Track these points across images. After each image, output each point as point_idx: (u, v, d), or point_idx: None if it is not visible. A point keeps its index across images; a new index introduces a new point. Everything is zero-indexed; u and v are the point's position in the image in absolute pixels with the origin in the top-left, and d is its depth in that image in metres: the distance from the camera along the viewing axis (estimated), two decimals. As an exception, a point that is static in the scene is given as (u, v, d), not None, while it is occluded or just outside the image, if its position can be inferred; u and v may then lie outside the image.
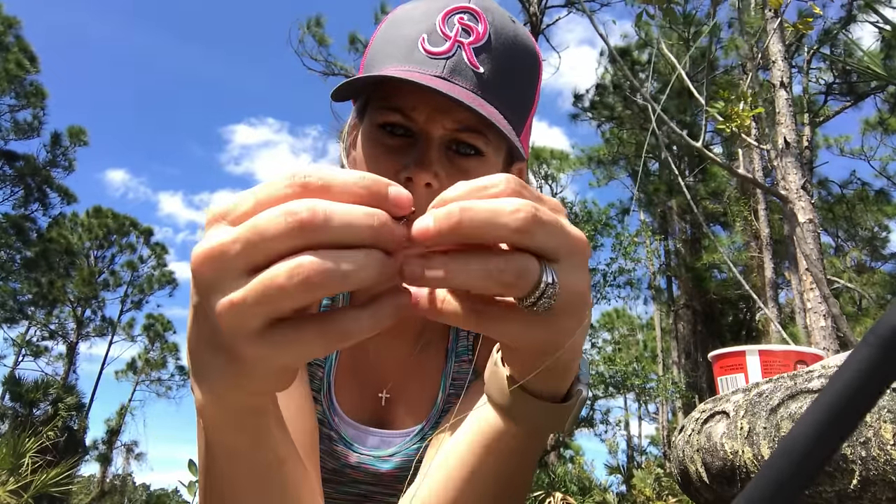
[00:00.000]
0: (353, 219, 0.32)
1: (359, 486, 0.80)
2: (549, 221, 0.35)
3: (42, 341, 23.01)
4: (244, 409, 0.41)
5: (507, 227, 0.33)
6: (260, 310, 0.32)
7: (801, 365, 0.86)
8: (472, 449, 0.54)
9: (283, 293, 0.31)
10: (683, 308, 16.86)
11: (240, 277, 0.32)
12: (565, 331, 0.38)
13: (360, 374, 0.81)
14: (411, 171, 0.65)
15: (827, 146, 15.73)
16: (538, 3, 13.08)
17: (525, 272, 0.34)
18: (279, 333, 0.33)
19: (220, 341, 0.35)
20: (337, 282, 0.31)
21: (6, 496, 7.64)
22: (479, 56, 0.66)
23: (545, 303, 0.35)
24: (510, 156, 0.75)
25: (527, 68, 0.71)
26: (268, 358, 0.34)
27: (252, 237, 0.31)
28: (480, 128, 0.67)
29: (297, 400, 0.71)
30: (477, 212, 0.33)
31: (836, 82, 13.18)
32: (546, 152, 18.88)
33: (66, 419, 15.78)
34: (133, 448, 25.65)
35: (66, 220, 22.86)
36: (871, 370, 0.20)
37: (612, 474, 12.36)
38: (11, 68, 18.82)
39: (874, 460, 0.44)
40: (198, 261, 0.33)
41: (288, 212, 0.31)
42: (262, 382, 0.37)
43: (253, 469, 0.46)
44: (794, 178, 3.64)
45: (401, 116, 0.68)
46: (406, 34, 0.68)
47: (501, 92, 0.67)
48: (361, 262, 0.32)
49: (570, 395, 0.50)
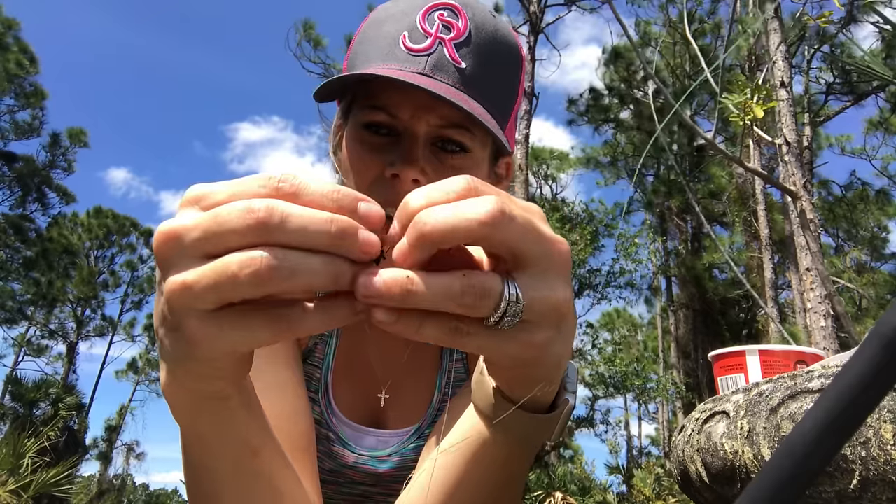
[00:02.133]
0: (309, 223, 0.33)
1: (357, 486, 0.80)
2: (518, 216, 0.34)
3: (42, 341, 23.05)
4: (203, 393, 0.41)
5: (474, 220, 0.33)
6: (210, 295, 0.33)
7: (801, 365, 0.86)
8: (459, 456, 0.54)
9: (233, 283, 0.32)
10: (683, 308, 16.86)
11: (196, 260, 0.33)
12: (540, 344, 0.37)
13: (357, 374, 0.81)
14: (398, 168, 0.65)
15: (829, 145, 15.72)
16: (538, 1, 13.07)
17: (486, 292, 0.34)
18: (226, 317, 0.34)
19: (172, 321, 0.36)
20: (284, 280, 0.32)
21: (6, 496, 7.65)
22: (460, 51, 0.66)
23: (509, 321, 0.35)
24: (496, 151, 0.76)
25: (509, 62, 0.71)
26: (214, 339, 0.34)
27: (211, 226, 0.33)
28: (465, 123, 0.68)
29: (292, 400, 0.70)
30: (440, 215, 0.33)
31: (837, 82, 13.18)
32: (546, 152, 18.88)
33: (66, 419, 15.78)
34: (133, 448, 25.67)
35: (65, 220, 22.87)
36: (873, 370, 0.20)
37: (613, 474, 12.36)
38: (11, 68, 18.83)
39: (874, 460, 0.44)
40: (159, 239, 0.34)
41: (248, 208, 0.32)
42: (211, 365, 0.37)
43: (224, 457, 0.46)
44: (795, 177, 3.64)
45: (385, 115, 0.68)
46: (387, 32, 0.68)
47: (484, 86, 0.67)
48: (314, 267, 0.33)
49: (556, 405, 0.49)
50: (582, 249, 12.38)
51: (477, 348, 0.37)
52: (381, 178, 0.68)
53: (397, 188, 0.66)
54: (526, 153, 12.25)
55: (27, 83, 19.89)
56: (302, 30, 14.61)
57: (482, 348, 0.37)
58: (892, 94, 13.31)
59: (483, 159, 0.72)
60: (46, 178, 21.35)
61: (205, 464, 0.47)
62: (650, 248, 16.18)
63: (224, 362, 0.38)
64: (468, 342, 0.36)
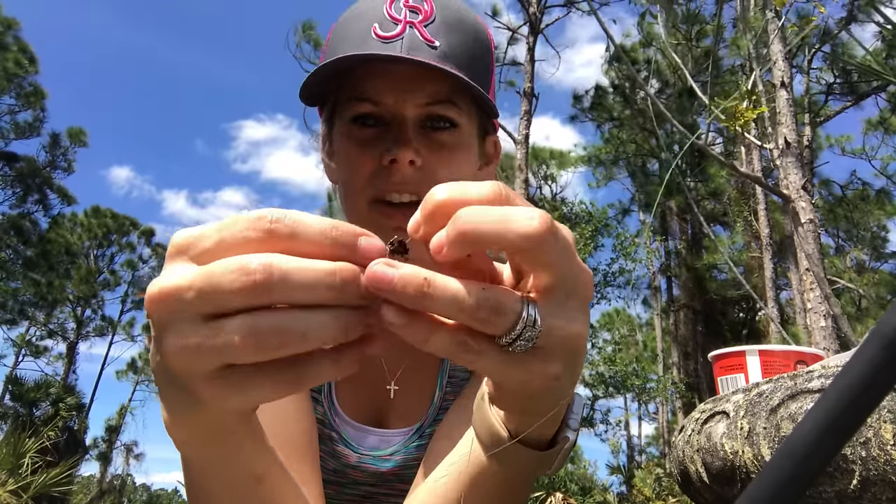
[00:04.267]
0: (311, 279, 0.31)
1: (360, 486, 0.80)
2: (562, 238, 0.33)
3: (42, 341, 23.06)
4: (208, 430, 0.40)
5: (522, 231, 0.31)
6: (213, 360, 0.31)
7: (801, 365, 0.86)
8: (458, 479, 0.54)
9: (237, 351, 0.30)
10: (684, 308, 16.86)
11: (194, 321, 0.31)
12: (549, 375, 0.35)
13: (360, 374, 0.81)
14: (393, 153, 0.66)
15: (829, 146, 15.72)
16: (537, 2, 13.07)
17: (502, 309, 0.32)
18: (233, 377, 0.32)
19: (173, 376, 0.35)
20: (294, 343, 0.31)
21: (6, 496, 7.65)
22: (431, 31, 0.67)
23: (522, 345, 0.33)
24: (484, 129, 0.77)
25: (478, 37, 0.73)
26: (220, 399, 0.33)
27: (206, 287, 0.31)
28: (450, 97, 0.69)
29: (294, 401, 0.71)
30: (488, 217, 0.31)
31: (837, 82, 13.18)
32: (545, 152, 18.88)
33: (66, 419, 15.79)
34: (133, 448, 25.67)
35: (65, 220, 22.87)
36: (874, 370, 0.20)
37: (613, 474, 12.37)
38: (11, 68, 18.84)
39: (874, 460, 0.44)
40: (152, 300, 0.32)
41: (243, 269, 0.30)
42: (217, 418, 0.37)
43: (228, 484, 0.46)
44: (795, 178, 3.64)
45: (370, 105, 0.69)
46: (357, 28, 0.69)
47: (460, 60, 0.68)
48: (321, 324, 0.31)
49: (556, 441, 0.47)
50: (581, 249, 12.39)
51: (482, 368, 0.34)
52: (377, 169, 0.68)
53: (395, 174, 0.67)
54: (526, 153, 12.25)
55: (27, 83, 19.90)
56: (301, 31, 14.60)
57: (488, 370, 0.35)
58: (892, 94, 13.30)
59: (472, 135, 0.73)
60: (47, 178, 21.35)
61: (209, 488, 0.47)
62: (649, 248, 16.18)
63: (230, 413, 0.37)
64: (476, 360, 0.34)
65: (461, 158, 0.72)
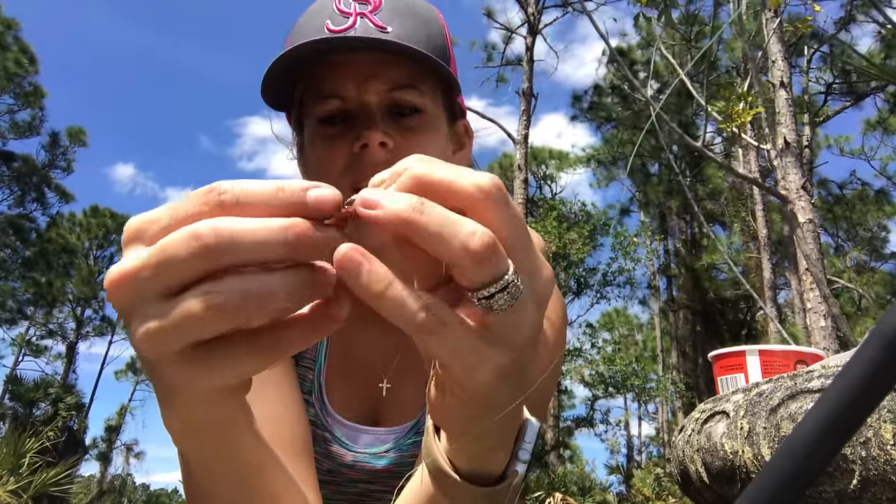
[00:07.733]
0: (262, 237, 0.30)
1: (356, 485, 0.80)
2: (514, 206, 0.32)
3: (41, 341, 23.05)
4: (204, 422, 0.39)
5: (472, 183, 0.31)
6: (177, 339, 0.30)
7: (801, 365, 0.86)
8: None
9: (199, 322, 0.30)
10: (683, 308, 16.87)
11: (155, 302, 0.30)
12: (497, 363, 0.33)
13: (350, 372, 0.81)
14: (363, 138, 0.66)
15: (827, 146, 15.74)
16: (535, 3, 13.08)
17: (496, 247, 0.30)
18: (200, 356, 0.32)
19: (150, 365, 0.34)
20: (255, 304, 0.30)
21: (6, 496, 7.64)
22: (382, 19, 0.68)
23: (505, 300, 0.31)
24: (452, 113, 0.77)
25: (430, 19, 0.73)
26: (192, 381, 0.32)
27: (160, 261, 0.30)
28: (411, 82, 0.69)
29: (286, 403, 0.71)
30: (440, 169, 0.32)
31: (836, 82, 13.19)
32: (545, 152, 18.88)
33: (66, 419, 15.78)
34: (133, 448, 25.67)
35: (63, 220, 22.86)
36: (874, 370, 0.20)
37: (612, 474, 12.37)
38: (11, 68, 18.83)
39: (874, 460, 0.44)
40: (110, 287, 0.31)
41: (193, 235, 0.29)
42: (191, 404, 0.35)
43: (225, 478, 0.46)
44: (794, 178, 3.64)
45: (335, 101, 0.69)
46: (310, 28, 0.69)
47: (416, 42, 0.68)
48: (281, 280, 0.30)
49: (505, 476, 0.44)
50: (580, 248, 12.40)
51: (435, 341, 0.31)
52: (350, 161, 0.69)
53: (368, 158, 0.67)
54: (525, 153, 12.26)
55: (27, 83, 19.90)
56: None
57: (440, 343, 0.31)
58: (891, 94, 13.31)
59: (438, 118, 0.74)
60: (46, 178, 21.34)
61: (206, 483, 0.46)
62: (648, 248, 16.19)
63: (207, 398, 0.36)
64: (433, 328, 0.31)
65: (432, 141, 0.72)
